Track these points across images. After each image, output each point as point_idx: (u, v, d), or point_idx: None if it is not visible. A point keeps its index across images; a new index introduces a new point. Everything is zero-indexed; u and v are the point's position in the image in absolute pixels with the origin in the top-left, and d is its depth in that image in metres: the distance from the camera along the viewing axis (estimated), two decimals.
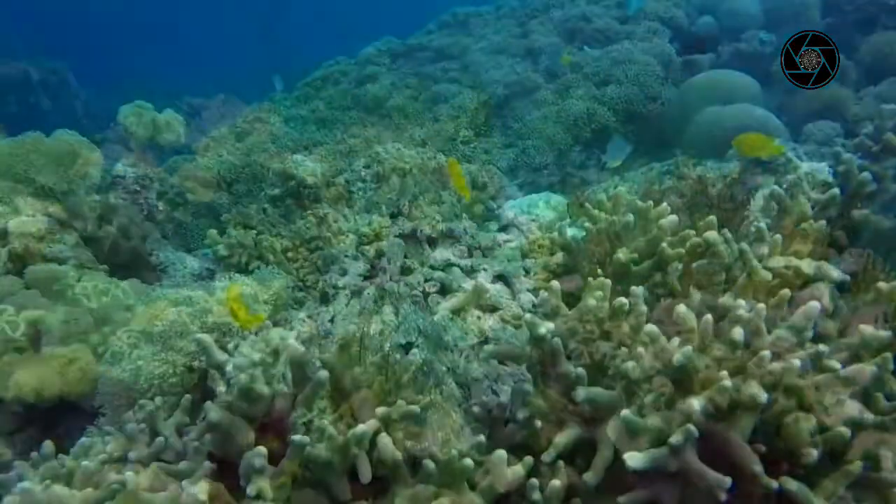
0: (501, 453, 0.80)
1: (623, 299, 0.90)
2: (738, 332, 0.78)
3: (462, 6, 4.55)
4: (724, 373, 0.77)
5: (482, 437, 0.86)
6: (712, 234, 0.95)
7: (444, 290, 1.32)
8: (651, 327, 0.84)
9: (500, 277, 1.34)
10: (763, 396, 0.74)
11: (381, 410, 0.81)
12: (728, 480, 0.73)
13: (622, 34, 3.87)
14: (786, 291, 0.84)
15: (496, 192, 3.57)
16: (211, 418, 0.76)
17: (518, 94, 3.72)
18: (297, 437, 0.77)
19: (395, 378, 0.86)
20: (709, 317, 0.85)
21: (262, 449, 0.75)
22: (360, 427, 0.78)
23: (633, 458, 0.73)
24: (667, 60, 3.73)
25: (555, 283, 0.92)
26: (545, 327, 0.86)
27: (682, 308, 0.82)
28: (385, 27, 4.85)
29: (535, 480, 0.81)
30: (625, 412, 0.78)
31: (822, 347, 0.78)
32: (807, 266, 0.91)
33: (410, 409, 0.80)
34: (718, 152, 3.10)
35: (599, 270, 1.21)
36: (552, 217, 3.22)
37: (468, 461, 0.79)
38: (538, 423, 0.86)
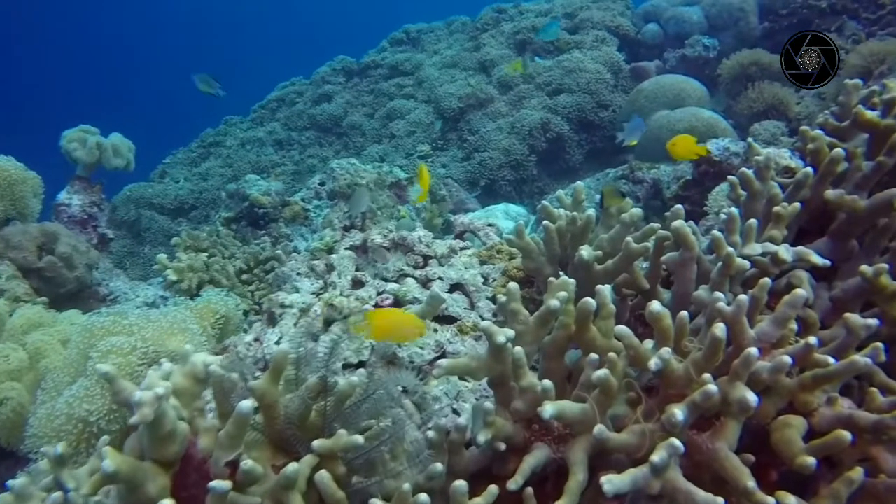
0: (461, 484, 0.67)
1: (590, 300, 0.78)
2: (719, 329, 0.66)
3: (414, 23, 4.47)
4: (707, 376, 0.66)
5: (439, 466, 0.72)
6: (680, 223, 0.84)
7: (399, 303, 1.18)
8: (623, 329, 0.72)
9: (458, 286, 1.21)
10: (753, 400, 0.63)
11: (318, 444, 0.66)
12: (721, 501, 0.61)
13: (571, 44, 3.84)
14: (765, 280, 0.74)
15: (455, 205, 3.47)
16: (106, 468, 0.60)
17: (473, 106, 3.64)
18: (216, 485, 0.62)
19: (336, 404, 0.72)
20: (684, 314, 0.74)
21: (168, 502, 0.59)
22: (292, 466, 0.64)
23: (611, 482, 0.61)
24: (616, 68, 3.71)
25: (512, 285, 0.80)
26: (504, 335, 0.73)
27: (654, 305, 0.71)
28: (339, 47, 4.73)
29: None
30: (598, 428, 0.65)
31: (811, 340, 0.67)
32: (784, 252, 0.81)
33: (352, 440, 0.66)
34: (670, 155, 3.06)
35: (561, 272, 1.09)
36: (511, 227, 3.12)
37: (423, 497, 0.66)
38: (502, 446, 0.72)
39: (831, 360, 0.68)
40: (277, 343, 1.14)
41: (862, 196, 0.87)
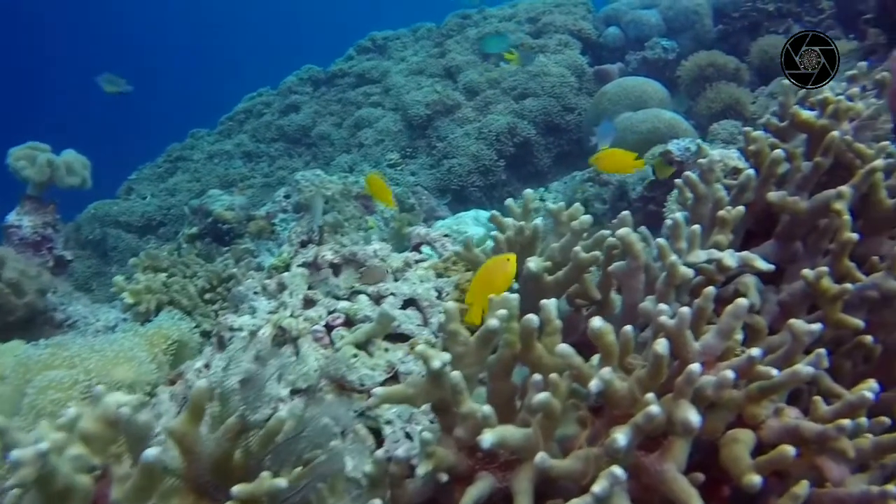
0: None
1: (532, 317, 0.73)
2: (661, 345, 0.63)
3: (380, 30, 4.42)
4: (650, 395, 0.62)
5: (378, 502, 0.67)
6: (626, 231, 0.80)
7: (350, 322, 1.13)
8: (564, 348, 0.68)
9: (411, 302, 1.16)
10: (696, 421, 0.59)
11: (238, 489, 0.61)
12: None
13: (535, 48, 3.82)
14: (709, 290, 0.70)
15: (426, 213, 3.42)
16: None
17: (440, 113, 3.60)
18: None
19: (264, 441, 0.67)
20: (628, 328, 0.70)
21: None
22: None
23: None
24: (580, 71, 3.70)
25: (450, 305, 0.75)
26: (439, 360, 0.69)
27: (595, 322, 0.67)
28: (306, 56, 4.66)
29: None
30: (539, 456, 0.61)
31: (754, 352, 0.64)
32: (729, 258, 0.78)
33: (275, 484, 0.61)
34: None
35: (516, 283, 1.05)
36: (482, 233, 3.09)
37: None
38: (444, 477, 0.68)
39: (774, 371, 0.65)
40: (226, 369, 1.08)
41: (803, 197, 0.84)
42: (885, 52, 1.63)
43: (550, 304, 0.78)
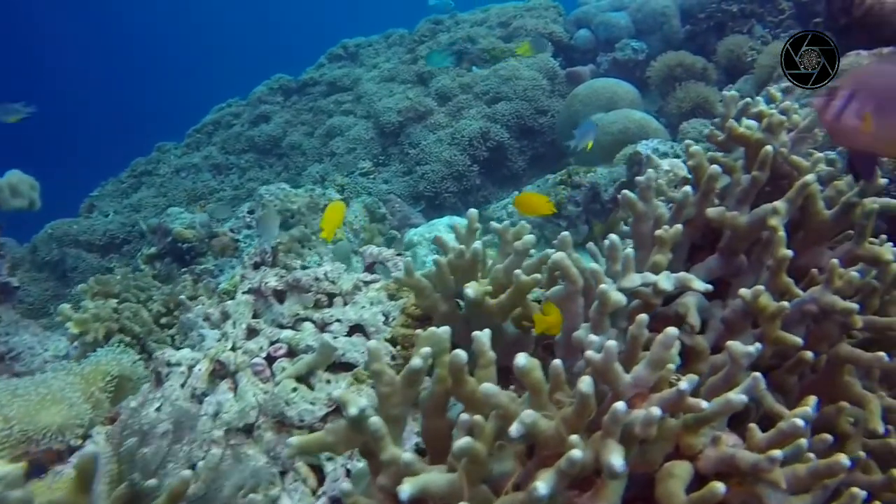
0: None
1: (460, 353, 0.70)
2: (585, 384, 0.60)
3: (352, 38, 4.37)
4: (574, 438, 0.59)
5: None
6: (559, 256, 0.77)
7: (293, 352, 1.08)
8: (487, 387, 0.65)
9: (358, 328, 1.12)
10: (619, 466, 0.56)
11: None
12: None
13: (507, 52, 3.80)
14: (642, 317, 0.67)
15: (399, 221, 3.39)
16: None
17: (412, 119, 3.56)
18: None
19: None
20: (556, 363, 0.67)
21: None
22: None
23: None
24: (551, 74, 3.69)
25: (372, 344, 0.72)
26: (356, 406, 0.65)
27: (519, 359, 0.64)
28: (277, 65, 4.61)
29: None
30: None
31: (683, 386, 0.61)
32: (664, 281, 0.75)
33: None
34: (606, 157, 3.05)
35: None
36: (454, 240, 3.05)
37: None
38: None
39: (704, 404, 0.62)
40: (158, 410, 1.03)
41: (743, 211, 0.82)
42: None
43: (483, 335, 0.74)
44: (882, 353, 0.77)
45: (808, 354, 0.78)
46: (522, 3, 4.11)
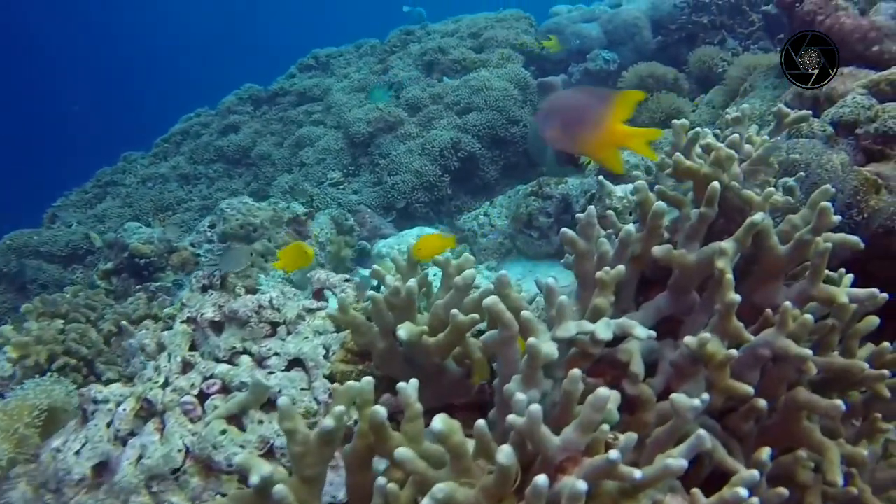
0: None
1: (379, 410, 0.63)
2: (504, 455, 0.53)
3: (323, 48, 4.29)
4: None
5: None
6: (491, 301, 0.71)
7: (227, 389, 1.01)
8: (402, 452, 0.58)
9: (298, 362, 1.05)
10: None
11: None
12: None
13: (478, 63, 3.76)
14: (575, 372, 0.61)
15: (369, 232, 3.31)
16: None
17: (382, 130, 3.49)
18: None
19: None
20: (480, 424, 0.60)
21: None
22: None
23: None
24: (523, 84, 3.64)
25: (282, 401, 0.64)
26: (258, 474, 0.58)
27: (437, 423, 0.57)
28: (247, 75, 4.50)
29: None
30: None
31: (612, 455, 0.54)
32: (603, 330, 0.69)
33: None
34: (577, 168, 3.02)
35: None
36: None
37: None
38: None
39: (637, 474, 0.56)
40: (77, 454, 0.94)
41: (692, 248, 0.77)
42: None
43: (410, 387, 0.67)
44: (839, 402, 0.72)
45: (761, 403, 0.73)
46: (494, 13, 4.07)
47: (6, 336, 1.62)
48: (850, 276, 0.84)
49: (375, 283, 1.55)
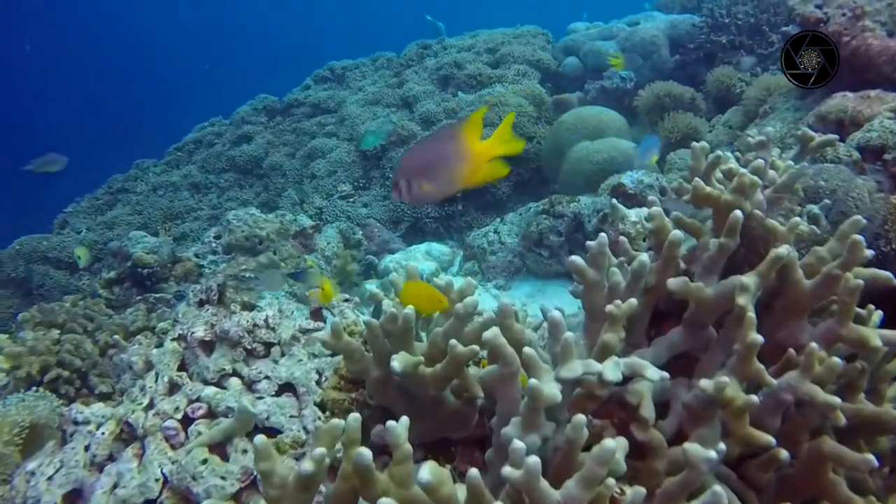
0: None
1: (363, 452, 0.58)
2: None
3: (339, 60, 4.31)
4: None
5: None
6: (491, 334, 0.66)
7: (213, 414, 0.96)
8: (386, 503, 0.53)
9: (289, 386, 1.00)
10: None
11: None
12: None
13: (494, 78, 3.74)
14: (579, 418, 0.56)
15: (378, 246, 3.27)
16: None
17: (395, 143, 3.47)
18: None
19: None
20: (473, 473, 0.55)
21: None
22: None
23: None
24: (538, 101, 3.61)
25: (259, 440, 0.60)
26: None
27: (423, 474, 0.52)
28: (263, 85, 4.53)
29: None
30: None
31: None
32: (611, 370, 0.63)
33: None
34: (591, 187, 2.96)
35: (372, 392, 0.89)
36: (432, 268, 2.93)
37: None
38: None
39: None
40: (50, 479, 0.90)
41: (710, 281, 0.71)
42: (819, 94, 1.54)
43: (400, 426, 0.62)
44: (871, 457, 0.65)
45: (784, 454, 0.67)
46: (511, 29, 4.06)
47: (0, 345, 1.59)
48: (879, 312, 0.77)
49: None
